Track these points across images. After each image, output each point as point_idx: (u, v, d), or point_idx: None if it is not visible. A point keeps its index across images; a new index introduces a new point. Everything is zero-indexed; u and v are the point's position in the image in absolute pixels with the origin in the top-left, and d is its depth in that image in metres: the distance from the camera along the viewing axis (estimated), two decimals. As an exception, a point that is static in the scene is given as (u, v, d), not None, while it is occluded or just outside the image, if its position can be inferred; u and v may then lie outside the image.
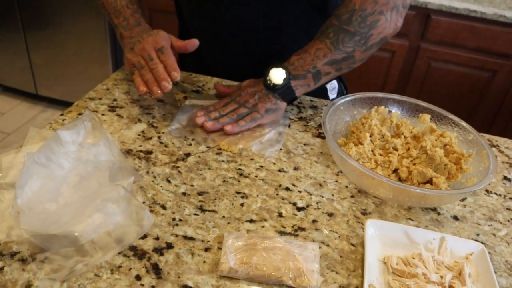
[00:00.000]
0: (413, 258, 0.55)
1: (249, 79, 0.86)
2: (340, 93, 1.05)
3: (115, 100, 0.85)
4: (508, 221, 0.67)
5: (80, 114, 0.80)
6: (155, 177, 0.67)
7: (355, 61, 0.81)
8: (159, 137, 0.76)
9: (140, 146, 0.73)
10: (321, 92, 1.00)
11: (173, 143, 0.75)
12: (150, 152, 0.72)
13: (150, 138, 0.75)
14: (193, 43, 0.79)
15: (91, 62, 2.39)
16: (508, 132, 2.10)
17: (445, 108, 0.81)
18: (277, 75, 0.79)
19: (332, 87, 1.03)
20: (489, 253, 0.60)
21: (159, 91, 0.72)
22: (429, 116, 0.79)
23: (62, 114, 0.79)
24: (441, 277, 0.52)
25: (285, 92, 0.80)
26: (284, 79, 0.79)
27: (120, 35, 0.83)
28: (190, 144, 0.75)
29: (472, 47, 1.98)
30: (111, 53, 2.35)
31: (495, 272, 0.57)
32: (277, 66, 0.79)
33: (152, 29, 0.81)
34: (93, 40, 2.31)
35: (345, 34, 0.78)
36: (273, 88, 0.80)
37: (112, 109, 0.82)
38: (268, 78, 0.80)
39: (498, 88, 2.04)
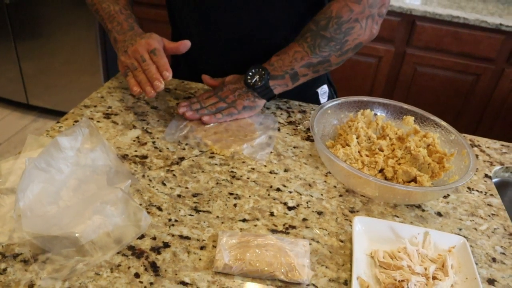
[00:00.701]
0: (399, 252, 0.58)
1: (233, 75, 0.90)
2: (330, 98, 1.09)
3: (109, 107, 0.87)
4: (489, 216, 0.70)
5: (76, 121, 0.82)
6: (150, 180, 0.69)
7: (331, 64, 0.86)
8: (153, 143, 0.78)
9: (136, 151, 0.75)
10: (313, 97, 1.03)
11: (168, 148, 0.77)
12: (145, 157, 0.74)
13: (145, 143, 0.78)
14: (185, 44, 0.81)
15: (82, 72, 2.41)
16: (493, 133, 2.15)
17: (432, 111, 0.84)
18: (256, 75, 0.84)
19: (323, 91, 1.06)
20: (471, 246, 0.63)
21: (152, 91, 0.75)
22: (413, 118, 0.82)
23: (58, 122, 0.81)
24: (425, 268, 0.55)
25: (264, 91, 0.85)
26: (263, 79, 0.83)
27: (114, 39, 0.86)
28: (184, 149, 0.77)
29: (456, 52, 2.04)
30: (102, 62, 2.37)
31: (477, 264, 0.61)
32: (257, 67, 0.84)
33: (145, 33, 0.83)
34: (84, 50, 2.33)
35: (321, 40, 0.82)
36: (252, 87, 0.84)
37: (107, 116, 0.85)
38: (248, 77, 0.84)
39: (482, 91, 2.10)
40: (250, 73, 0.84)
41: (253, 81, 0.84)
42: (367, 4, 0.80)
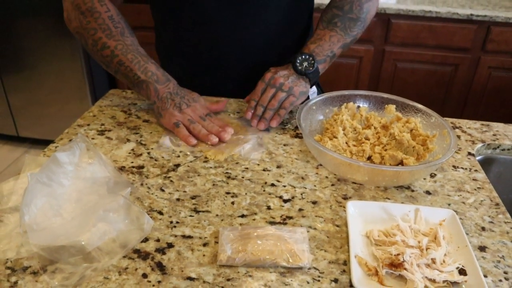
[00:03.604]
0: (392, 229, 0.61)
1: (271, 68, 0.92)
2: None
3: (102, 124, 0.90)
4: (475, 189, 0.74)
5: (71, 140, 0.84)
6: (149, 187, 0.71)
7: (356, 40, 0.98)
8: (148, 153, 0.81)
9: (132, 162, 0.78)
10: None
11: (163, 157, 0.80)
12: (142, 167, 0.77)
13: (140, 154, 0.80)
14: (224, 104, 0.94)
15: (70, 99, 2.43)
16: (478, 118, 2.20)
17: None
18: (304, 62, 0.89)
19: (313, 91, 1.10)
20: (460, 218, 0.66)
21: (216, 139, 0.83)
22: (394, 106, 0.86)
23: (54, 142, 0.83)
24: (419, 241, 0.58)
25: (315, 76, 0.90)
26: (313, 65, 0.89)
27: (154, 89, 0.87)
28: (178, 156, 0.80)
29: (433, 45, 2.10)
30: (89, 88, 2.39)
31: (467, 233, 0.64)
32: (301, 54, 0.89)
33: (185, 90, 0.91)
34: (70, 78, 2.36)
35: (350, 21, 0.94)
36: (304, 73, 0.88)
37: (101, 132, 0.87)
38: (297, 64, 0.88)
39: (462, 80, 2.16)
40: (298, 60, 0.89)
41: (303, 68, 0.88)
42: None
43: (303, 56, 0.89)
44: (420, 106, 0.84)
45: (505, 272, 0.57)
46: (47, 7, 2.17)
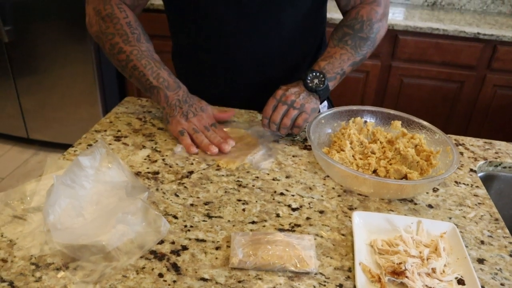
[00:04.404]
0: (395, 240, 0.64)
1: (282, 86, 0.93)
2: None
3: (119, 131, 0.94)
4: (476, 205, 0.77)
5: (89, 145, 0.88)
6: (164, 193, 0.75)
7: (365, 59, 1.00)
8: (163, 160, 0.84)
9: (148, 168, 0.82)
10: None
11: (177, 164, 0.83)
12: (157, 173, 0.80)
13: (156, 161, 0.84)
14: (232, 113, 0.98)
15: (81, 104, 2.48)
16: (482, 136, 2.22)
17: (421, 119, 0.91)
18: (315, 79, 0.91)
19: (323, 105, 1.14)
20: (461, 232, 0.70)
21: (216, 149, 0.86)
22: (400, 122, 0.89)
23: (73, 146, 0.87)
24: (420, 252, 0.61)
25: (325, 93, 0.92)
26: (324, 82, 0.91)
27: (164, 95, 0.91)
28: (192, 164, 0.84)
29: (439, 62, 2.14)
30: (100, 94, 2.44)
31: (467, 246, 0.67)
32: (312, 71, 0.92)
33: (195, 98, 0.94)
34: (81, 83, 2.41)
35: (360, 40, 0.97)
36: (315, 90, 0.91)
37: (117, 138, 0.91)
38: (308, 81, 0.91)
39: (467, 97, 2.19)
40: (309, 78, 0.91)
41: (314, 85, 0.91)
42: (384, 5, 0.99)
43: (314, 73, 0.91)
44: (425, 123, 0.87)
45: (502, 284, 0.60)
46: (60, 12, 2.23)
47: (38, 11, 2.25)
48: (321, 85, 0.91)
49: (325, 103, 1.14)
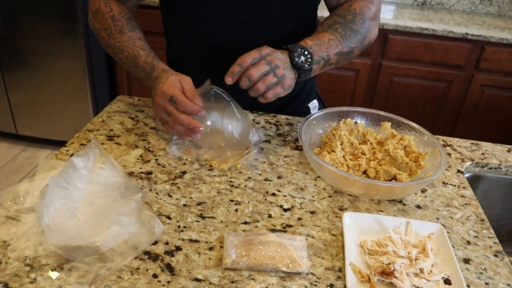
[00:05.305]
0: (385, 240, 0.66)
1: (268, 46, 0.82)
2: None
3: (111, 130, 0.94)
4: (463, 205, 0.79)
5: (82, 145, 0.88)
6: (157, 193, 0.76)
7: (352, 57, 0.94)
8: (156, 160, 0.85)
9: (141, 168, 0.82)
10: (305, 112, 1.11)
11: (170, 164, 0.84)
12: (150, 173, 0.81)
13: (148, 161, 0.85)
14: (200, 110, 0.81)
15: (71, 100, 2.46)
16: (469, 136, 2.27)
17: (409, 118, 0.93)
18: (302, 56, 0.82)
19: (314, 105, 1.14)
20: (448, 232, 0.71)
21: (198, 135, 0.81)
22: (390, 123, 0.91)
23: (65, 146, 0.87)
24: (408, 252, 0.63)
25: (306, 75, 0.84)
26: (310, 63, 0.83)
27: (147, 86, 0.90)
28: (185, 164, 0.84)
29: (428, 61, 2.17)
30: (90, 89, 2.43)
31: (453, 246, 0.69)
32: (300, 47, 0.83)
33: (162, 73, 0.84)
34: (71, 78, 2.39)
35: (351, 31, 0.91)
36: (299, 67, 0.82)
37: (110, 138, 0.91)
38: (296, 55, 0.82)
39: (455, 97, 2.23)
40: (297, 52, 0.82)
41: (299, 62, 0.82)
42: (377, 7, 0.95)
43: (302, 50, 0.82)
44: (414, 124, 0.89)
45: (487, 283, 0.62)
46: (51, 6, 2.20)
47: (28, 5, 2.22)
48: (306, 65, 0.82)
49: (316, 103, 1.15)
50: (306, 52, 0.83)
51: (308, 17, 1.01)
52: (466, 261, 0.66)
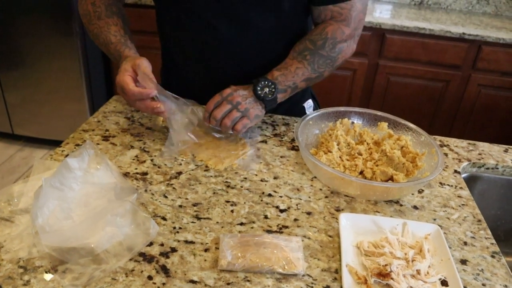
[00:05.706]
0: (381, 241, 0.65)
1: (232, 86, 0.91)
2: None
3: (107, 130, 0.93)
4: (460, 206, 0.79)
5: (77, 145, 0.87)
6: (153, 194, 0.75)
7: (323, 78, 0.97)
8: (152, 160, 0.84)
9: (136, 169, 0.82)
10: (300, 112, 1.11)
11: (165, 164, 0.83)
12: (145, 174, 0.80)
13: (144, 161, 0.84)
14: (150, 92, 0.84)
15: (67, 99, 2.45)
16: (466, 135, 2.27)
17: (406, 118, 0.93)
18: (266, 88, 0.89)
19: (309, 105, 1.14)
20: (445, 233, 0.71)
21: (163, 114, 0.84)
22: (387, 123, 0.91)
23: (60, 146, 0.87)
24: (405, 253, 0.63)
25: (272, 103, 0.91)
26: (273, 93, 0.89)
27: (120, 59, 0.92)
28: (180, 164, 0.84)
29: (425, 61, 2.16)
30: (87, 89, 2.42)
31: (450, 247, 0.68)
32: (264, 79, 0.89)
33: (123, 60, 0.88)
34: (68, 78, 2.38)
35: (320, 58, 0.92)
36: (263, 98, 0.89)
37: (105, 138, 0.91)
38: (258, 88, 0.89)
39: (452, 96, 2.23)
40: (260, 85, 0.89)
41: (263, 93, 0.89)
42: (354, 27, 0.93)
43: (266, 82, 0.89)
44: (411, 125, 0.89)
45: (484, 285, 0.62)
46: (47, 5, 2.19)
47: (24, 4, 2.21)
48: (270, 96, 0.89)
49: (311, 103, 1.15)
50: (270, 84, 0.89)
51: (299, 29, 1.01)
52: (463, 262, 0.66)
